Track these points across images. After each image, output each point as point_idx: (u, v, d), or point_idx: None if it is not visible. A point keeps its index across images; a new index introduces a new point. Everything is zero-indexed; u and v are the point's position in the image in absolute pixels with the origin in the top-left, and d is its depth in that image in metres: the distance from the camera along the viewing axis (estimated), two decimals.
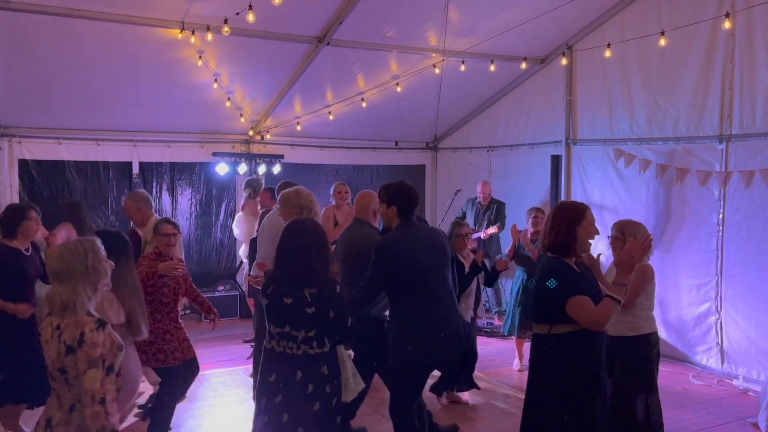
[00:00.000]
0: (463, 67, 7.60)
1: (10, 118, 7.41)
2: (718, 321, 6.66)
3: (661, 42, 6.60)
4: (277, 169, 8.86)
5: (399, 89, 8.02)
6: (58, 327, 2.67)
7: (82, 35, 6.23)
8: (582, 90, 8.11)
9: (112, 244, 3.43)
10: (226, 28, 6.10)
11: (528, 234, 6.47)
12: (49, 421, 2.71)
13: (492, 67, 7.85)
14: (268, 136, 8.94)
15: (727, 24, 6.20)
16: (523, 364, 6.60)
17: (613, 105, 7.67)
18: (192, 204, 8.77)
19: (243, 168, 8.70)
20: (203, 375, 5.84)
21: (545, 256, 3.42)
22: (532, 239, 6.35)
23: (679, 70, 6.91)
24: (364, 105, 8.21)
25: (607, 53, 7.18)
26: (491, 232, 8.13)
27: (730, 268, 6.55)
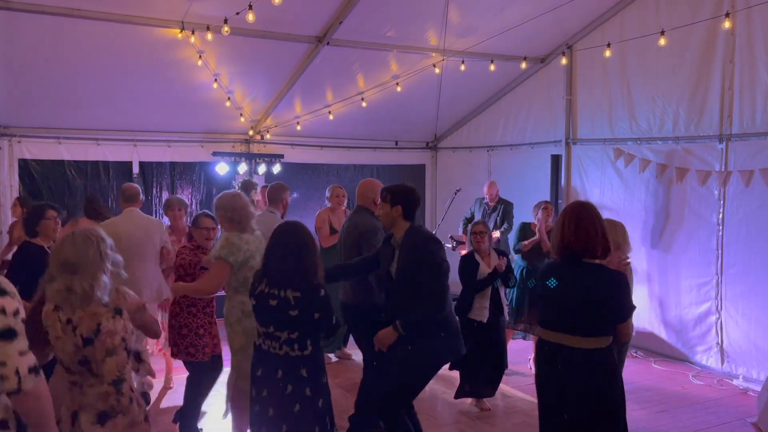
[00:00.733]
0: (463, 67, 7.60)
1: (10, 118, 7.42)
2: (718, 321, 6.66)
3: (661, 41, 6.60)
4: (277, 168, 8.86)
5: (399, 89, 8.02)
6: (69, 321, 2.69)
7: (82, 35, 6.23)
8: (582, 90, 8.12)
9: None
10: (226, 28, 6.10)
11: (543, 226, 6.55)
12: (76, 415, 2.76)
13: (492, 67, 7.85)
14: (268, 136, 8.94)
15: (726, 24, 6.20)
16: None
17: (613, 105, 7.67)
18: (192, 204, 8.76)
19: (243, 168, 8.70)
20: None
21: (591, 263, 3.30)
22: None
23: (679, 69, 6.91)
24: (364, 105, 8.21)
25: (607, 53, 7.18)
26: (495, 237, 8.10)
27: (730, 267, 6.55)
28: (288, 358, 3.37)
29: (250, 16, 5.78)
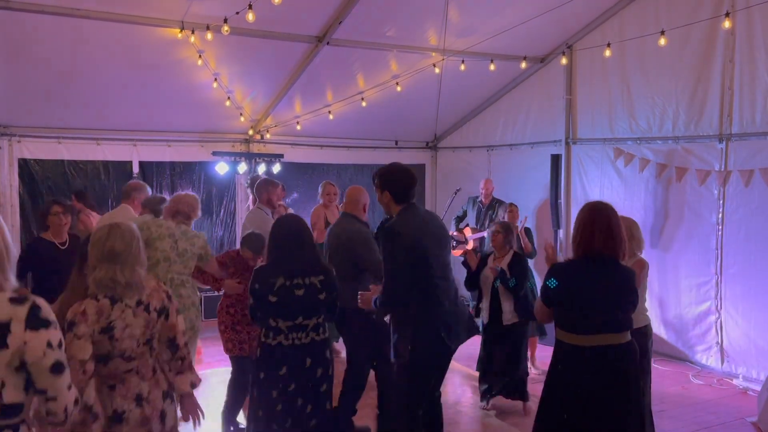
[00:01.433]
0: (463, 67, 7.60)
1: (10, 118, 7.41)
2: (718, 320, 6.66)
3: (661, 41, 6.60)
4: (276, 168, 8.85)
5: (399, 89, 8.02)
6: (139, 303, 2.79)
7: (82, 35, 6.22)
8: (582, 89, 8.12)
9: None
10: (226, 28, 6.10)
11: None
12: (139, 397, 2.83)
13: (492, 67, 7.85)
14: (268, 136, 8.93)
15: (726, 23, 6.20)
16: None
17: (612, 104, 7.67)
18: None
19: (243, 167, 8.70)
20: (203, 374, 5.84)
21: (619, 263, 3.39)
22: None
23: (678, 69, 6.91)
24: (364, 104, 8.21)
25: (607, 52, 7.19)
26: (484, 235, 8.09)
27: (730, 267, 6.56)
28: (314, 344, 3.61)
29: (250, 16, 5.78)
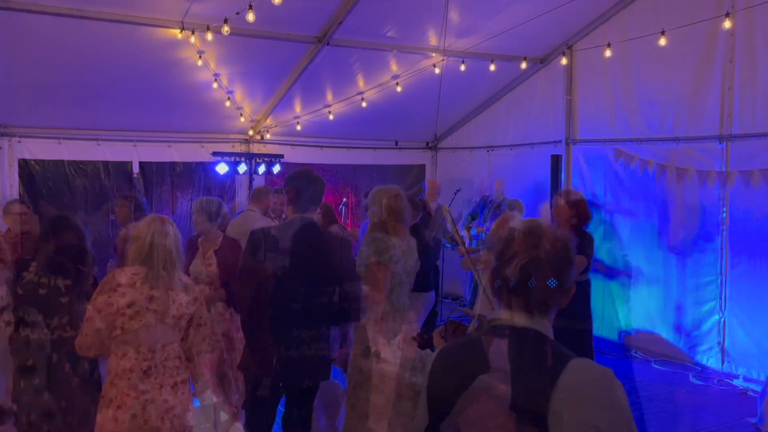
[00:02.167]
0: (463, 67, 7.60)
1: (10, 118, 7.40)
2: (721, 320, 6.65)
3: (661, 41, 6.60)
4: (276, 169, 8.85)
5: (399, 89, 8.01)
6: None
7: (82, 35, 6.22)
8: (582, 90, 8.11)
9: None
10: (226, 28, 6.09)
11: None
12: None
13: (492, 67, 7.84)
14: (268, 136, 8.93)
15: (727, 24, 6.19)
16: None
17: (613, 105, 7.66)
18: (192, 203, 8.76)
19: (243, 168, 8.69)
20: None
21: None
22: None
23: (679, 69, 6.91)
24: (364, 105, 8.20)
25: (607, 53, 7.18)
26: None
27: (733, 267, 6.54)
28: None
29: (250, 16, 5.77)
